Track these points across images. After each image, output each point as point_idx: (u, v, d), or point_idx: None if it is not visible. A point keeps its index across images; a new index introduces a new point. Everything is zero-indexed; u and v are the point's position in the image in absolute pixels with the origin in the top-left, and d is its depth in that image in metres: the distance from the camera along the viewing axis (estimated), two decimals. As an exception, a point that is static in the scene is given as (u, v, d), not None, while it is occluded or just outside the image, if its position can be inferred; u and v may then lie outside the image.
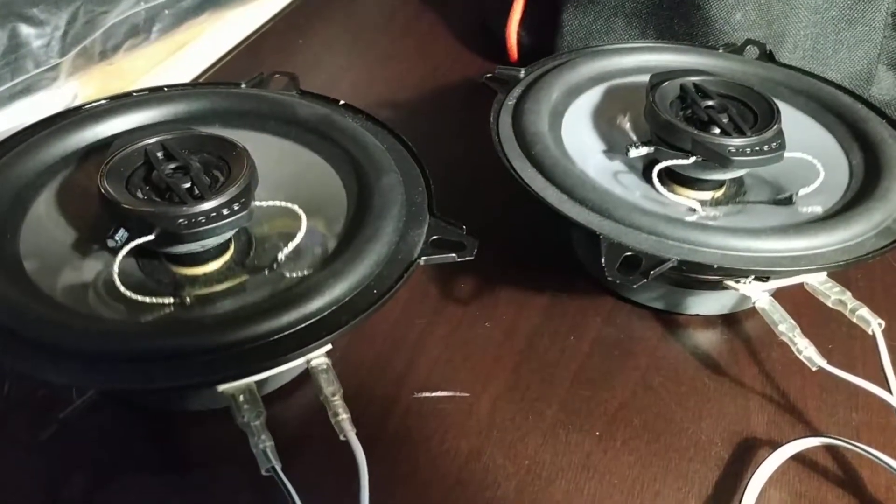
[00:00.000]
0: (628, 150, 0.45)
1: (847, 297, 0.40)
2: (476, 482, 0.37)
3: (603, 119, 0.49)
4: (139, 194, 0.38)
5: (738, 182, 0.47)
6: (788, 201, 0.44)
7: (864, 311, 0.40)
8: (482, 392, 0.42)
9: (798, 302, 0.44)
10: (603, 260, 0.38)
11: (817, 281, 0.41)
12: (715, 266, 0.38)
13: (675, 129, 0.43)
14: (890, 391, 0.38)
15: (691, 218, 0.43)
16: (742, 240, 0.39)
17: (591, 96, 0.51)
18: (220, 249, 0.40)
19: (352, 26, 0.77)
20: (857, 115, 0.48)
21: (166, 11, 0.67)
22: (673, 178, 0.46)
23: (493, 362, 0.43)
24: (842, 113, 0.49)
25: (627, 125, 0.49)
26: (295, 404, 0.40)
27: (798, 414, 0.41)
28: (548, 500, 0.37)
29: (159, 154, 0.39)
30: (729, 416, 0.41)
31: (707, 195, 0.46)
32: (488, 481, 0.38)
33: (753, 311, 0.42)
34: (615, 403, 0.41)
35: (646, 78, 0.47)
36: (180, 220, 0.36)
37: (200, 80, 0.66)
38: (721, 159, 0.42)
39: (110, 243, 0.37)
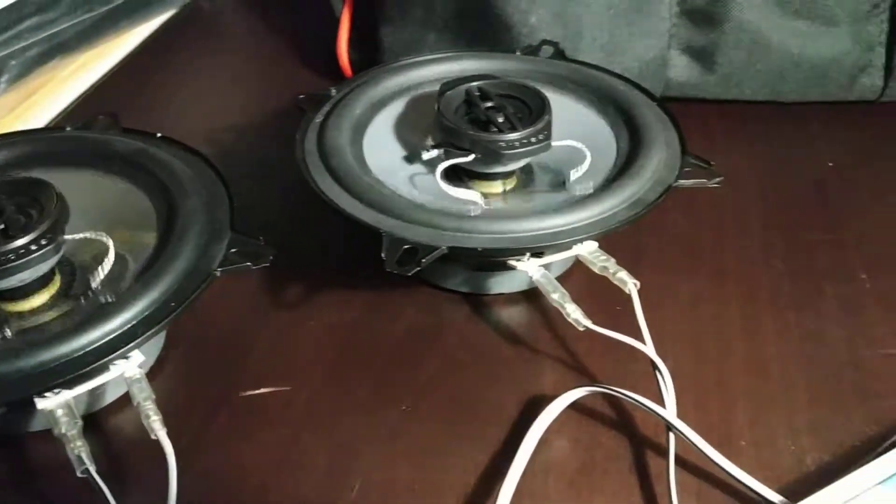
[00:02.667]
0: (422, 154, 0.50)
1: (611, 263, 0.46)
2: (292, 465, 0.42)
3: (405, 128, 0.54)
4: (-44, 238, 0.41)
5: (527, 171, 0.52)
6: (563, 185, 0.50)
7: (623, 274, 0.45)
8: (302, 384, 0.46)
9: (591, 275, 0.49)
10: (384, 253, 0.43)
11: (587, 251, 0.46)
12: (479, 248, 0.43)
13: (456, 132, 0.48)
14: (644, 342, 0.43)
15: (475, 210, 0.48)
16: (505, 223, 0.44)
17: (395, 108, 0.55)
18: (43, 282, 0.44)
19: (204, 55, 0.81)
20: (629, 102, 0.54)
21: (13, 62, 0.70)
22: (468, 174, 0.51)
23: (315, 356, 0.48)
24: (617, 100, 0.55)
25: (427, 131, 0.54)
26: (122, 419, 0.44)
27: (584, 371, 0.47)
28: (356, 469, 0.41)
29: (-27, 201, 0.43)
30: (523, 380, 0.46)
31: (498, 187, 0.51)
32: (304, 462, 0.42)
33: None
34: (423, 380, 0.46)
35: (446, 87, 0.52)
36: (-10, 259, 0.39)
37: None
38: (494, 154, 0.47)
39: (-71, 285, 0.41)
